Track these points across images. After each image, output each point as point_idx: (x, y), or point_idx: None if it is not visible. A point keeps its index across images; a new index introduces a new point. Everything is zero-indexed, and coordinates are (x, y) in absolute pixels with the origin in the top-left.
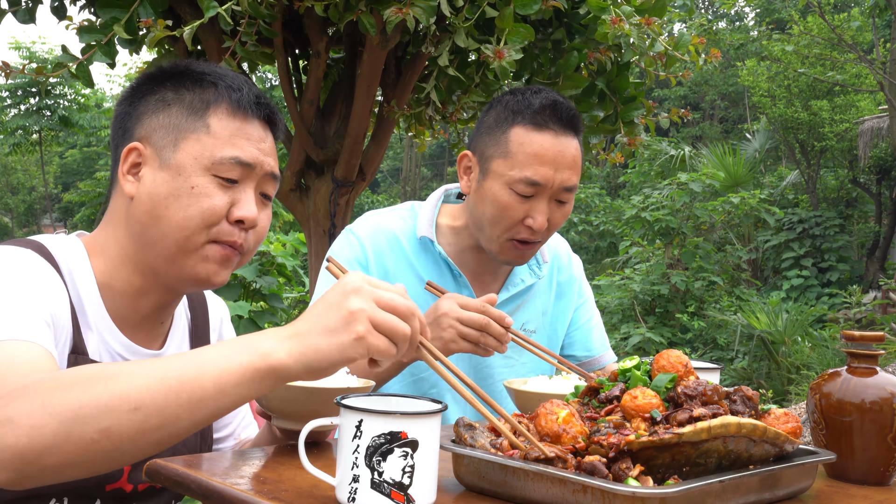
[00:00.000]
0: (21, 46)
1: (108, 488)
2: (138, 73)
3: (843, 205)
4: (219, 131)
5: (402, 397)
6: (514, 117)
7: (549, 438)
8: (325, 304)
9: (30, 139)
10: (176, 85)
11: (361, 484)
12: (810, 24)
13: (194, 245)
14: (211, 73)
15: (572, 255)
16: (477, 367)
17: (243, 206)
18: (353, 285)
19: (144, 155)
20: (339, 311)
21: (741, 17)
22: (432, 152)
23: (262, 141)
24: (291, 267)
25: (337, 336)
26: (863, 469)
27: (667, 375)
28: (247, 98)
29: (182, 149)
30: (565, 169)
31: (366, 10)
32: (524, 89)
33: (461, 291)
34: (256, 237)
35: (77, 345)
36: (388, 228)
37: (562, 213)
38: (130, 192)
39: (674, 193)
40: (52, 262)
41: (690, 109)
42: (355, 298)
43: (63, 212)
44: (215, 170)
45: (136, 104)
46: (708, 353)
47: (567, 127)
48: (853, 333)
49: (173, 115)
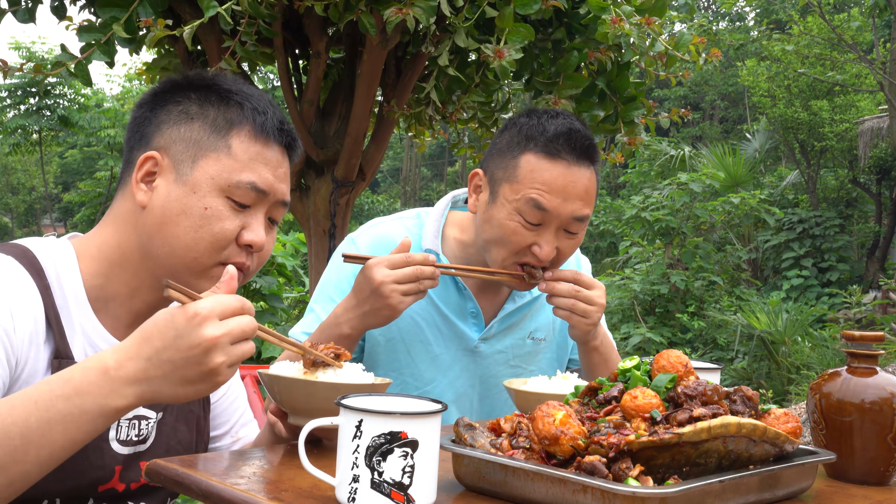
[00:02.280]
0: (21, 46)
1: (100, 489)
2: (138, 73)
3: (843, 205)
4: (239, 154)
5: (402, 397)
6: (526, 143)
7: (548, 441)
8: (183, 358)
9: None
10: (201, 99)
11: (361, 484)
12: (810, 24)
13: (202, 266)
14: (238, 92)
15: (581, 258)
16: (483, 376)
17: (253, 231)
18: (210, 337)
19: (161, 165)
20: (199, 366)
21: (741, 18)
22: (432, 152)
23: (280, 167)
24: (291, 267)
25: (194, 386)
26: (863, 469)
27: (667, 375)
28: (271, 123)
29: (200, 166)
30: (576, 200)
31: (366, 10)
32: (541, 112)
33: (465, 305)
34: (260, 260)
35: (60, 349)
36: (391, 239)
37: (571, 244)
38: (143, 202)
39: (674, 193)
40: (35, 267)
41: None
42: (216, 354)
43: (63, 212)
44: (230, 192)
45: (157, 111)
46: (708, 353)
47: (582, 157)
48: (853, 333)
49: (195, 129)
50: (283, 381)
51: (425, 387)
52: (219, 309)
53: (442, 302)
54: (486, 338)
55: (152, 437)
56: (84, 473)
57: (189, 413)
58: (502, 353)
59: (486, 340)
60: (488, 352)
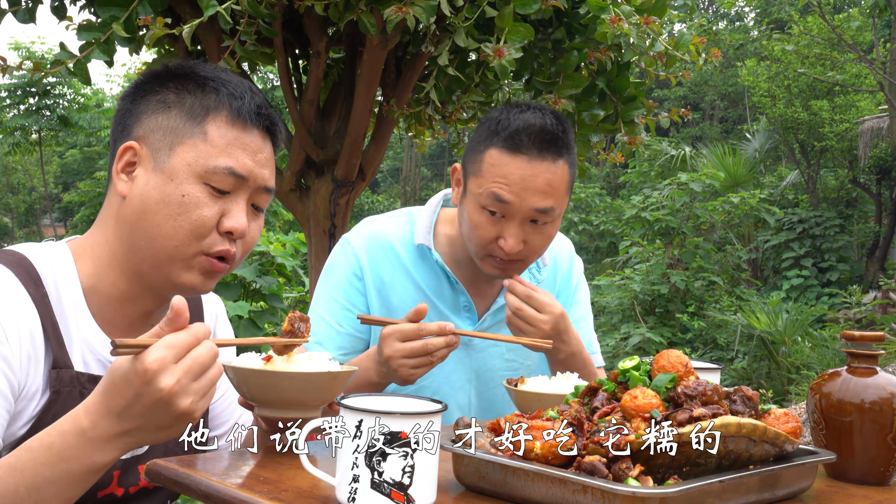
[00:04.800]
0: (21, 46)
1: (99, 494)
2: (138, 73)
3: (843, 205)
4: (216, 139)
5: (402, 397)
6: (491, 138)
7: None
8: (150, 411)
9: (29, 139)
10: (178, 87)
11: (361, 484)
12: (810, 24)
13: (183, 255)
14: (215, 78)
15: (574, 258)
16: (479, 370)
17: (233, 218)
18: (167, 389)
19: (140, 155)
20: (168, 414)
21: (741, 17)
22: (432, 152)
23: (260, 151)
24: (291, 267)
25: (169, 430)
26: (863, 469)
27: (667, 375)
28: (247, 107)
29: (177, 154)
30: (536, 193)
31: (366, 10)
32: (514, 106)
33: (458, 299)
34: (244, 248)
35: (58, 359)
36: (384, 237)
37: (542, 235)
38: (123, 191)
39: (674, 193)
40: (32, 276)
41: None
42: (180, 399)
43: (63, 212)
44: (208, 178)
45: (137, 102)
46: (708, 353)
47: (545, 151)
48: (853, 333)
49: (172, 117)
50: (242, 372)
51: (423, 381)
52: (171, 354)
53: (435, 296)
54: (479, 331)
55: None
56: None
57: None
58: (496, 346)
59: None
60: (482, 345)
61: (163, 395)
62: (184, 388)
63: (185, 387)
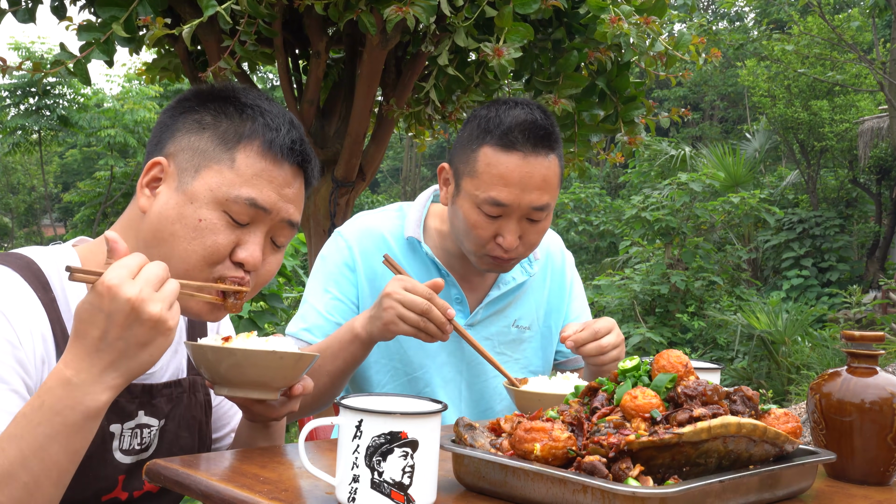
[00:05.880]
0: (20, 47)
1: (104, 498)
2: (138, 73)
3: (843, 205)
4: (243, 168)
5: (402, 397)
6: (483, 136)
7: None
8: (125, 328)
9: (29, 139)
10: (217, 110)
11: (361, 484)
12: (810, 24)
13: (193, 280)
14: (255, 106)
15: (565, 252)
16: (470, 363)
17: (247, 249)
18: (133, 296)
19: (167, 172)
20: (143, 325)
21: (741, 18)
22: (432, 152)
23: (288, 186)
24: (291, 267)
25: (152, 344)
26: (863, 469)
27: (667, 375)
28: (281, 140)
29: (201, 177)
30: (533, 190)
31: (366, 10)
32: (501, 102)
33: (450, 292)
34: (258, 281)
35: None
36: (376, 229)
37: (537, 231)
38: (144, 207)
39: (674, 193)
40: (40, 280)
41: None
42: (150, 305)
43: (63, 212)
44: (227, 207)
45: (176, 118)
46: (708, 353)
47: (538, 146)
48: (853, 333)
49: (205, 140)
50: (199, 349)
51: (414, 373)
52: (125, 271)
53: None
54: (471, 324)
55: (154, 444)
56: (87, 484)
57: (191, 419)
58: (488, 339)
59: (472, 327)
60: (475, 338)
61: (132, 304)
62: (149, 295)
63: (150, 294)
